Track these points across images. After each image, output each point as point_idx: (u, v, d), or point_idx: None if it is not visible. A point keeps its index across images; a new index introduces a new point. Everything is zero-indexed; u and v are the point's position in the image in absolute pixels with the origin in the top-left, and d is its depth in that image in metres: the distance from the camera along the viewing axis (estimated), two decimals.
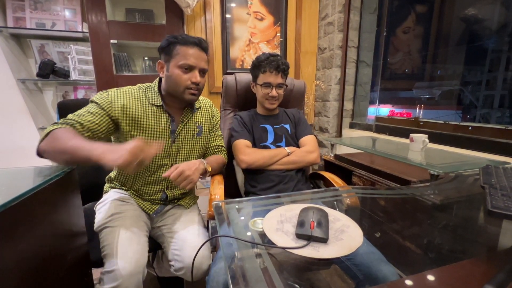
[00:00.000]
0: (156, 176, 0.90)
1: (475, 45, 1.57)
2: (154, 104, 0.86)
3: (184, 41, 0.82)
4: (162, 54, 0.85)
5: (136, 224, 0.83)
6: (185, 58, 0.81)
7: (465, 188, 0.76)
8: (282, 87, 1.08)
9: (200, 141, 0.97)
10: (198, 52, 0.83)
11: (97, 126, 0.77)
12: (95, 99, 0.81)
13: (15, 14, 1.56)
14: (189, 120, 0.93)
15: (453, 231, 0.54)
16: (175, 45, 0.82)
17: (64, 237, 0.67)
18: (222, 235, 0.46)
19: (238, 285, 0.34)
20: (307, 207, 0.50)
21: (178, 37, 0.82)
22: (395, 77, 1.98)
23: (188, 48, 0.82)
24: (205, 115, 1.01)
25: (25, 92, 1.59)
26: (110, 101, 0.80)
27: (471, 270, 0.38)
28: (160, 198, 0.93)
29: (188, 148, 0.94)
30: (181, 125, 0.91)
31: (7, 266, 0.47)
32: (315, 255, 0.41)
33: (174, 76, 0.82)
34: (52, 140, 0.68)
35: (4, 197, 0.47)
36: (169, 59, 0.83)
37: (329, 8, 1.91)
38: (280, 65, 1.04)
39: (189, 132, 0.94)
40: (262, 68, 1.06)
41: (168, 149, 0.90)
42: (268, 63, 1.04)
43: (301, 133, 1.15)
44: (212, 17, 1.86)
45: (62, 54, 1.71)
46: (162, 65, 0.86)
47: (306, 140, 1.13)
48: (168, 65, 0.83)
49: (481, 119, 1.63)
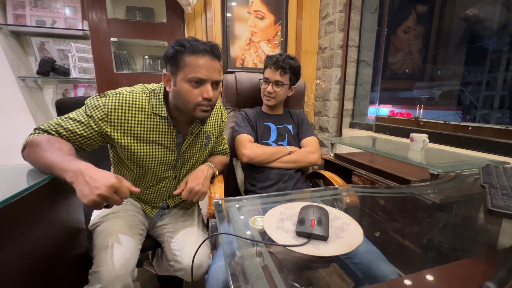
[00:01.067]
0: (158, 187, 0.87)
1: (475, 46, 1.57)
2: (159, 115, 0.76)
3: (193, 49, 0.69)
4: (168, 65, 0.72)
5: (129, 224, 0.81)
6: (194, 71, 0.69)
7: (465, 188, 0.76)
8: (280, 85, 1.07)
9: (207, 150, 0.93)
10: (210, 62, 0.70)
11: (79, 138, 0.68)
12: (89, 104, 0.70)
13: (15, 11, 1.56)
14: (199, 132, 0.85)
15: (453, 230, 0.54)
16: (182, 55, 0.69)
17: (64, 234, 0.67)
18: (222, 232, 0.46)
19: (238, 282, 0.34)
20: (307, 205, 0.50)
21: (185, 44, 0.69)
22: (396, 77, 1.98)
23: (198, 57, 0.69)
24: (214, 123, 0.93)
25: (25, 89, 1.59)
26: (106, 113, 0.69)
27: (471, 268, 0.38)
28: (161, 206, 0.91)
29: (194, 159, 0.89)
30: (189, 138, 0.83)
31: (6, 262, 0.47)
32: (315, 252, 0.41)
33: (183, 92, 0.71)
34: (29, 150, 0.63)
35: (4, 194, 0.47)
36: (176, 71, 0.70)
37: (330, 7, 1.91)
38: (279, 61, 1.04)
39: (197, 144, 0.87)
40: (265, 64, 1.09)
41: (173, 163, 0.84)
42: (270, 58, 1.06)
43: (303, 134, 1.16)
44: (213, 15, 1.86)
45: (62, 52, 1.70)
46: (169, 78, 0.73)
47: (308, 141, 1.14)
48: (175, 78, 0.71)
49: (481, 119, 1.63)
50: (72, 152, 0.63)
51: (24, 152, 0.65)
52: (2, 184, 0.57)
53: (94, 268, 0.68)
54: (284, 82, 1.07)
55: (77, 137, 0.68)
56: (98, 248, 0.71)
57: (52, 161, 0.57)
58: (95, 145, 0.73)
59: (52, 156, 0.58)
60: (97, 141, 0.72)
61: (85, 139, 0.70)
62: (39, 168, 0.62)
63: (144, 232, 0.86)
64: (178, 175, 0.88)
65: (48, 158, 0.58)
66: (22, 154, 0.65)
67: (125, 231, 0.77)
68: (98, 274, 0.66)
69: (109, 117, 0.70)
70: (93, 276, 0.66)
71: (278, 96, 1.10)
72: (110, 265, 0.67)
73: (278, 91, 1.08)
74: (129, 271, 0.70)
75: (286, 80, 1.08)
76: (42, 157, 0.59)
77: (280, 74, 1.05)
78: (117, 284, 0.66)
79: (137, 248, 0.77)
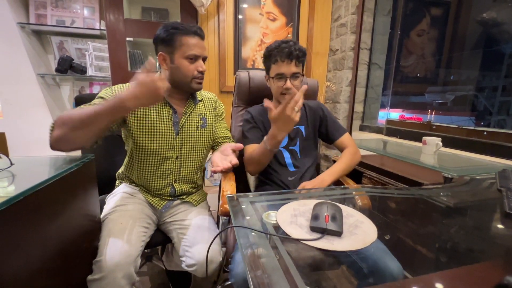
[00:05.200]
0: (162, 169, 0.91)
1: (492, 50, 1.54)
2: None
3: (186, 31, 0.81)
4: (162, 46, 0.83)
5: (135, 217, 0.83)
6: (190, 49, 0.81)
7: (480, 192, 0.75)
8: (297, 77, 0.93)
9: (205, 132, 0.97)
10: (200, 41, 0.84)
11: None
12: (101, 94, 0.82)
13: (37, 11, 1.62)
14: (192, 111, 0.94)
15: (468, 233, 0.53)
16: (177, 36, 0.81)
17: (83, 223, 0.70)
18: (238, 225, 0.47)
19: (256, 272, 0.35)
20: (321, 202, 0.51)
21: (178, 27, 0.81)
22: (407, 80, 1.95)
23: (190, 37, 0.82)
24: (208, 106, 1.01)
25: (43, 86, 1.65)
26: (114, 95, 0.76)
27: (488, 271, 0.38)
28: (169, 193, 0.93)
29: (193, 140, 0.94)
30: (184, 117, 0.91)
31: (32, 246, 0.49)
32: (330, 247, 0.42)
33: (182, 67, 0.83)
34: (62, 123, 0.64)
35: (30, 182, 0.49)
36: (173, 50, 0.82)
37: (342, 9, 1.91)
38: (292, 51, 0.90)
39: (193, 124, 0.94)
40: (273, 58, 0.92)
41: (172, 141, 0.90)
42: (279, 51, 0.90)
43: (334, 133, 1.03)
44: (225, 17, 1.88)
45: (79, 50, 1.76)
46: (164, 57, 0.84)
47: (346, 141, 1.02)
48: (172, 56, 0.83)
49: (496, 125, 1.59)
50: None
51: (55, 132, 0.64)
52: (27, 174, 0.60)
53: (97, 257, 0.70)
54: (300, 72, 0.95)
55: None
56: (103, 238, 0.75)
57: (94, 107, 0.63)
58: (115, 127, 0.83)
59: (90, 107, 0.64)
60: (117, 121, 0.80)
61: None
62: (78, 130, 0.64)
63: (151, 226, 0.88)
64: (180, 155, 0.92)
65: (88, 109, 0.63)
66: (52, 135, 0.65)
67: (129, 223, 0.80)
68: (100, 263, 0.68)
69: None
70: (96, 265, 0.69)
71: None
72: (111, 254, 0.69)
73: (297, 84, 0.93)
74: (130, 261, 0.71)
75: (301, 69, 0.95)
76: (82, 113, 0.63)
77: (295, 64, 0.92)
78: (118, 273, 0.68)
79: (141, 239, 0.80)
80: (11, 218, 0.44)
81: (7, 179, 0.53)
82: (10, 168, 0.58)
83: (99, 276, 0.67)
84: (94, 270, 0.69)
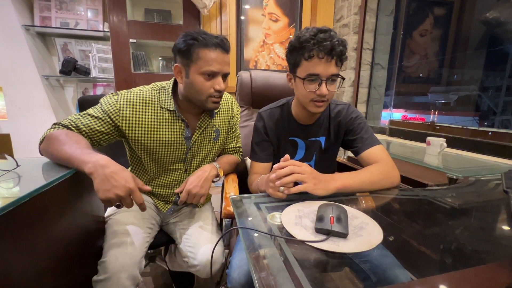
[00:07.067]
0: (169, 180, 0.88)
1: (495, 49, 1.53)
2: (167, 109, 0.78)
3: (206, 43, 0.70)
4: (179, 57, 0.73)
5: (140, 218, 0.83)
6: (208, 64, 0.71)
7: (485, 193, 0.74)
8: (335, 80, 0.71)
9: (217, 145, 0.92)
10: (221, 55, 0.72)
11: (97, 134, 0.72)
12: (103, 102, 0.75)
13: (42, 13, 1.64)
14: (207, 126, 0.86)
15: (474, 235, 0.53)
16: (195, 48, 0.70)
17: (88, 224, 0.70)
18: (241, 227, 0.47)
19: (261, 273, 0.35)
20: (326, 203, 0.50)
21: (198, 37, 0.70)
22: (410, 80, 1.95)
23: (210, 51, 0.70)
24: (224, 117, 0.93)
25: (48, 87, 1.66)
26: (118, 108, 0.73)
27: (495, 273, 0.38)
28: (174, 201, 0.92)
29: (204, 153, 0.89)
30: (198, 131, 0.84)
31: (40, 246, 0.49)
32: (335, 249, 0.42)
33: (196, 84, 0.73)
34: (47, 143, 0.65)
35: (36, 184, 0.50)
36: (189, 63, 0.72)
37: (345, 10, 1.91)
38: (335, 46, 0.65)
39: (206, 138, 0.88)
40: (307, 52, 0.67)
41: (183, 156, 0.85)
42: (317, 44, 0.65)
43: (363, 144, 0.78)
44: (228, 18, 1.89)
45: (83, 52, 1.77)
46: (180, 70, 0.74)
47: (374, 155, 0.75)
48: (187, 70, 0.73)
49: (500, 125, 1.58)
50: (89, 146, 0.66)
51: (42, 145, 0.67)
52: (33, 175, 0.60)
53: (102, 258, 0.70)
54: (339, 75, 0.71)
55: (95, 132, 0.72)
56: (107, 239, 0.74)
57: (71, 153, 0.59)
58: (111, 140, 0.77)
59: (71, 149, 0.60)
60: (114, 135, 0.76)
61: (103, 134, 0.74)
62: (56, 161, 0.64)
63: (155, 226, 0.88)
64: (189, 168, 0.90)
65: (67, 150, 0.60)
66: (39, 147, 0.67)
67: (134, 224, 0.80)
68: (104, 264, 0.68)
69: (121, 113, 0.74)
70: (101, 266, 0.68)
71: (332, 97, 0.74)
72: (116, 255, 0.69)
73: (333, 90, 0.71)
74: (135, 262, 0.71)
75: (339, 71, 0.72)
76: (61, 150, 0.61)
77: (335, 64, 0.68)
78: (123, 275, 0.68)
79: (145, 241, 0.79)
80: (18, 219, 0.44)
81: (14, 180, 0.54)
82: (17, 170, 0.59)
83: (104, 277, 0.67)
84: (99, 271, 0.69)
